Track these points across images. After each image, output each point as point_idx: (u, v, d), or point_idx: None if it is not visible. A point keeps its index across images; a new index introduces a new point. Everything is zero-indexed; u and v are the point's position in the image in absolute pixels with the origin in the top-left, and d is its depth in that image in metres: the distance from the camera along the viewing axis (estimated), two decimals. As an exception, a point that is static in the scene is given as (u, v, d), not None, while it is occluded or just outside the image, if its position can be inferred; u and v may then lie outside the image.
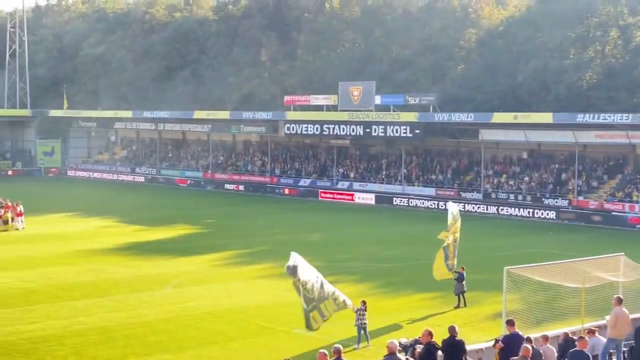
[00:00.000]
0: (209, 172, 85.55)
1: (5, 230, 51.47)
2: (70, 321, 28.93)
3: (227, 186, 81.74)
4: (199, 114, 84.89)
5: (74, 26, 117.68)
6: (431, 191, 69.20)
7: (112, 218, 58.48)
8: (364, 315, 26.21)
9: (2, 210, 52.67)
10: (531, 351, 16.87)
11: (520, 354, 16.77)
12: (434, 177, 71.04)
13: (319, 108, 75.81)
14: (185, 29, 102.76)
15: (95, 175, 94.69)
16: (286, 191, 77.18)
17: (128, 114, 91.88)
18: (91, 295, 33.34)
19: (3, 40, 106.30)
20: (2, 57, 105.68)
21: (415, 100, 70.00)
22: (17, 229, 51.98)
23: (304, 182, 77.77)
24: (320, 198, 73.77)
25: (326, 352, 16.24)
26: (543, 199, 63.17)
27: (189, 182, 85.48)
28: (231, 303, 32.31)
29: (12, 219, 52.31)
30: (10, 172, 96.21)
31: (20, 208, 53.09)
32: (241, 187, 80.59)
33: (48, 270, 38.48)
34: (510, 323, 18.92)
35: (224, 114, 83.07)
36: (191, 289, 35.00)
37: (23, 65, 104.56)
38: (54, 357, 24.74)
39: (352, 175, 76.00)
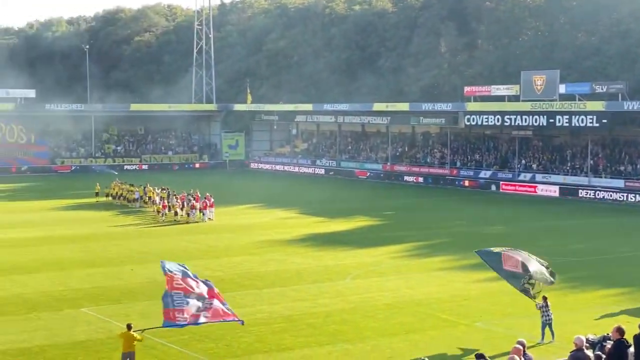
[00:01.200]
0: (388, 164, 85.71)
1: (196, 222, 53.44)
2: (255, 309, 29.64)
3: (407, 178, 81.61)
4: (378, 106, 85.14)
5: (256, 22, 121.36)
6: (620, 183, 66.28)
7: (293, 209, 59.64)
8: (547, 311, 25.44)
9: (198, 204, 54.64)
10: None
11: None
12: (622, 168, 68.04)
13: (500, 98, 74.33)
14: (364, 22, 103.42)
15: (277, 167, 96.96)
16: (466, 183, 76.17)
17: (308, 107, 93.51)
18: (274, 284, 34.07)
19: (191, 37, 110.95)
20: (190, 54, 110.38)
21: (602, 89, 67.35)
22: (205, 220, 53.89)
23: (485, 173, 76.46)
24: (501, 190, 72.32)
25: (520, 347, 15.91)
26: None
27: (368, 174, 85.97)
28: (411, 295, 32.13)
29: (202, 212, 54.17)
30: (197, 165, 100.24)
31: (212, 200, 55.04)
32: (420, 179, 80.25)
33: (233, 260, 39.66)
34: None
35: (404, 106, 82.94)
36: (370, 280, 35.08)
37: (209, 62, 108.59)
38: (240, 343, 25.42)
39: (534, 166, 74.01)
